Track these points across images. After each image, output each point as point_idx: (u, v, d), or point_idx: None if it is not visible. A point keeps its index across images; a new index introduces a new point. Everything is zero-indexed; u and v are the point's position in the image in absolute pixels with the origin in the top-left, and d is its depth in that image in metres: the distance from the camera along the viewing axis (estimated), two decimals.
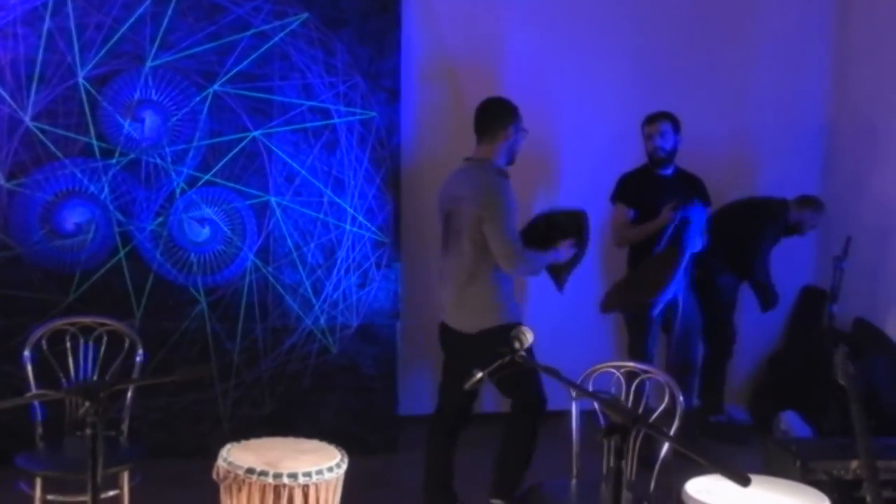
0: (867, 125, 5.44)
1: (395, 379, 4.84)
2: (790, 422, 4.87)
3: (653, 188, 4.69)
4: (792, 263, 5.47)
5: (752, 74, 5.53)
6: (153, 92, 4.43)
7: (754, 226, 5.13)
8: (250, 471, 2.69)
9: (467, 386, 2.50)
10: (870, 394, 4.62)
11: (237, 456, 2.79)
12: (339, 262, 4.69)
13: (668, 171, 4.75)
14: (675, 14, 5.40)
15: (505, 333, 3.48)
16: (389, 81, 4.70)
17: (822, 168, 5.75)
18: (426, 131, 5.17)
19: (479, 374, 2.49)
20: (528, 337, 2.48)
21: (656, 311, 4.51)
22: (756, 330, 5.53)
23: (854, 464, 3.35)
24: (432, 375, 5.27)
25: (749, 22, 5.52)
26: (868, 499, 2.41)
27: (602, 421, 3.06)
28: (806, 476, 3.34)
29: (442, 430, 3.86)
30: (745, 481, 1.91)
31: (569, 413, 3.22)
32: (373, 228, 4.72)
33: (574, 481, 3.19)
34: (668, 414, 3.06)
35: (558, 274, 3.87)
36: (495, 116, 3.68)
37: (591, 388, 3.02)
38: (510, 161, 3.72)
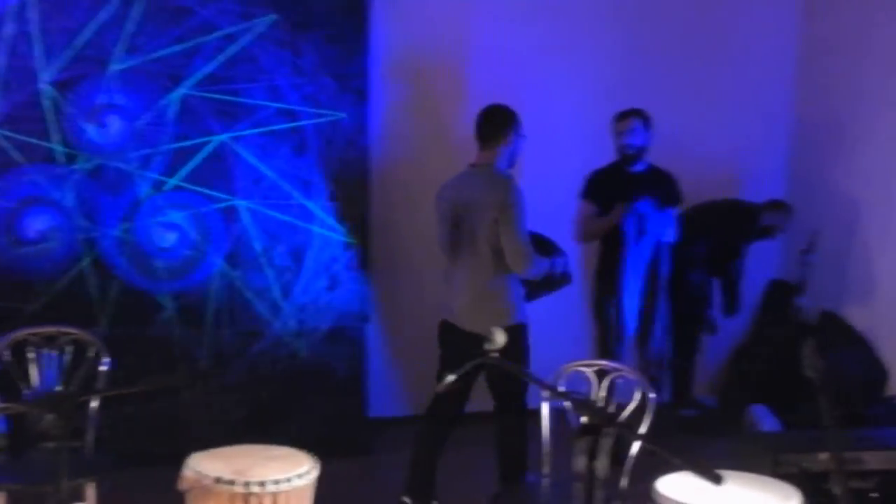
0: (833, 120, 5.50)
1: (366, 381, 4.82)
2: (759, 415, 4.91)
3: (622, 185, 4.72)
4: (759, 257, 5.53)
5: (722, 71, 5.57)
6: (118, 96, 4.38)
7: (736, 228, 5.27)
8: (218, 479, 2.65)
9: (439, 389, 2.51)
10: (837, 386, 4.67)
11: (205, 464, 2.75)
12: (308, 265, 4.66)
13: (639, 168, 4.78)
14: (647, 11, 5.42)
15: (518, 332, 3.64)
16: (358, 82, 4.67)
17: (789, 162, 5.81)
18: (396, 132, 5.16)
19: (451, 377, 2.49)
20: (500, 339, 2.49)
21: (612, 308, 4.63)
22: (724, 323, 5.57)
23: (823, 456, 3.38)
24: (403, 377, 5.27)
25: (719, 19, 5.55)
26: (836, 490, 2.43)
27: (573, 419, 3.07)
28: (776, 469, 3.36)
29: (433, 429, 3.92)
30: (717, 480, 1.92)
31: (540, 412, 3.22)
32: (342, 230, 4.69)
33: (546, 480, 3.19)
34: (640, 411, 3.08)
35: (537, 289, 3.94)
36: (497, 123, 3.81)
37: (562, 388, 3.03)
38: (510, 165, 3.86)
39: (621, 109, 4.75)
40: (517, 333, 3.69)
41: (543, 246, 3.88)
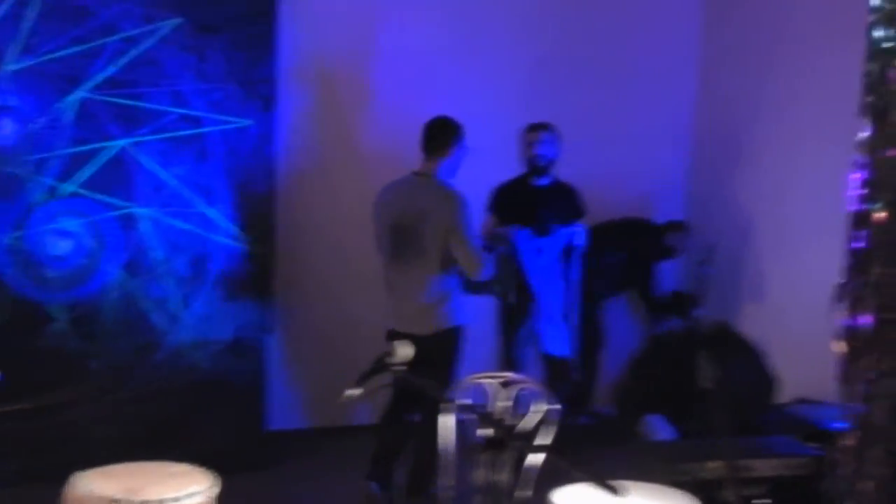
0: (729, 138, 5.69)
1: (267, 394, 4.74)
2: (654, 424, 5.01)
3: (528, 198, 4.79)
4: (657, 268, 5.70)
5: (626, 91, 5.70)
6: (12, 98, 4.21)
7: (640, 246, 5.49)
8: (109, 500, 2.55)
9: (341, 401, 2.49)
10: (730, 395, 4.83)
11: (96, 483, 2.65)
12: (209, 274, 4.56)
13: (544, 182, 4.85)
14: (556, 25, 5.51)
15: (456, 334, 3.98)
16: (265, 88, 4.61)
17: (687, 175, 5.98)
18: (303, 139, 5.11)
19: (356, 391, 2.48)
20: (404, 352, 2.49)
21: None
22: (622, 334, 5.71)
23: (716, 464, 3.48)
24: (305, 388, 5.21)
25: (623, 37, 5.69)
26: (729, 498, 2.51)
27: (475, 432, 3.08)
28: (672, 478, 3.44)
29: (389, 431, 4.10)
30: (614, 491, 1.96)
31: (444, 425, 3.23)
32: (247, 239, 4.61)
33: (449, 492, 3.19)
34: (542, 422, 3.12)
35: (499, 287, 4.35)
36: (444, 135, 4.02)
37: (466, 400, 3.05)
38: (452, 175, 4.05)
39: (532, 122, 4.82)
40: (455, 335, 4.00)
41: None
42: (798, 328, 4.93)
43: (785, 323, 5.08)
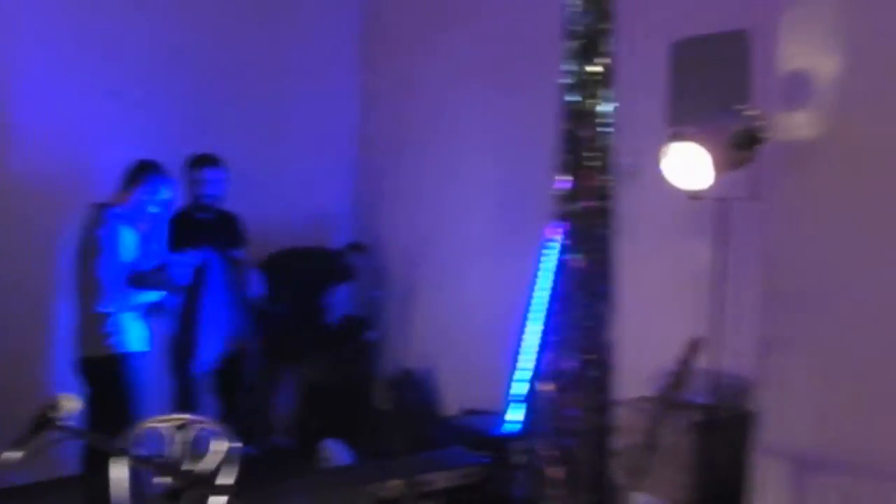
0: (388, 161, 5.95)
1: None
2: (332, 449, 5.07)
3: (190, 231, 4.64)
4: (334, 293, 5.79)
5: (288, 112, 5.71)
6: None
7: (317, 272, 5.54)
8: None
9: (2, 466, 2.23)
10: (405, 413, 5.03)
11: None
12: None
13: (208, 214, 4.73)
14: (213, 51, 5.37)
15: (115, 362, 4.02)
16: None
17: (356, 204, 6.14)
18: None
19: (18, 454, 2.23)
20: (70, 405, 2.29)
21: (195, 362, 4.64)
22: (296, 359, 5.73)
23: (395, 483, 3.60)
24: None
25: (281, 60, 5.67)
26: None
27: (154, 483, 2.90)
28: (355, 501, 3.50)
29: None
30: None
31: (114, 478, 3.00)
32: None
33: None
34: (224, 462, 3.02)
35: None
36: (127, 173, 4.21)
37: (140, 449, 2.86)
38: (138, 215, 4.16)
39: (197, 155, 4.66)
40: (112, 363, 4.05)
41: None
42: (462, 345, 5.28)
43: (450, 340, 5.40)
